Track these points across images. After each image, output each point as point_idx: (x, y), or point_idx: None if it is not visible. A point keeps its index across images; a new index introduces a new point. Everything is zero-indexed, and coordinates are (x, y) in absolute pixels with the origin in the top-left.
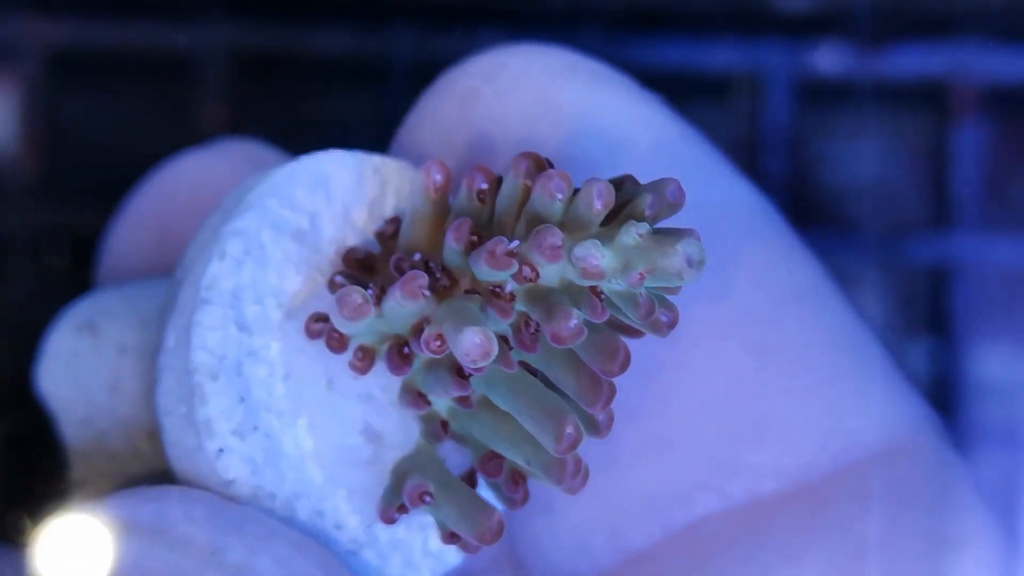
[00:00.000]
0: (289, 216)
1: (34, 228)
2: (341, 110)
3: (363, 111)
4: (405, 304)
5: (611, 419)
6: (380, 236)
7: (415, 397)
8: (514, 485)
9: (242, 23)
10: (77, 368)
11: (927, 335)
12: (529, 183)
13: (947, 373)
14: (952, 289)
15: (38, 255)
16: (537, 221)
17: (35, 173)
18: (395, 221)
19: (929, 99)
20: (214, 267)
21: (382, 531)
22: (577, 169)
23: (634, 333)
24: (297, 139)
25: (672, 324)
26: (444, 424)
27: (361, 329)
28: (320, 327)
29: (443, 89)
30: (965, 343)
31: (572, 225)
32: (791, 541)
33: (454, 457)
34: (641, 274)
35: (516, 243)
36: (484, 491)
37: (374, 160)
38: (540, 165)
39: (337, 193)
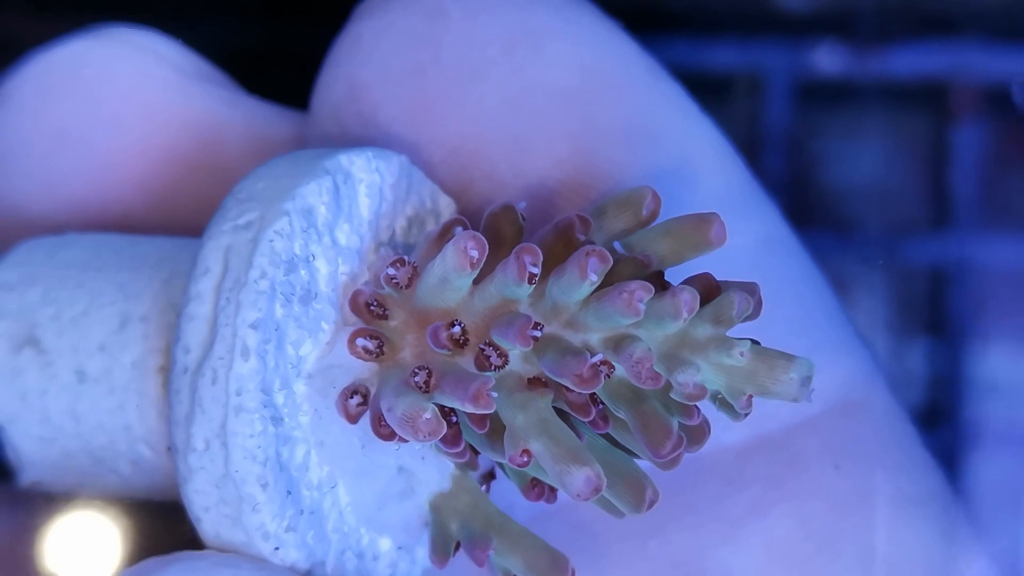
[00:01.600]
0: (293, 279)
1: None
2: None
3: None
4: (472, 410)
5: (657, 496)
6: (393, 285)
7: (454, 441)
8: (552, 495)
9: (241, 23)
10: (23, 388)
11: (926, 335)
12: (595, 279)
13: (946, 373)
14: (951, 289)
15: None
16: (613, 326)
17: None
18: (409, 267)
19: (929, 99)
20: (240, 367)
21: (406, 554)
22: (554, 98)
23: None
24: None
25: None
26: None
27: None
28: (358, 404)
29: (399, 2)
30: (964, 343)
31: (651, 326)
32: (761, 495)
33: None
34: (750, 396)
35: (599, 357)
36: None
37: (341, 164)
38: (607, 261)
39: (321, 224)
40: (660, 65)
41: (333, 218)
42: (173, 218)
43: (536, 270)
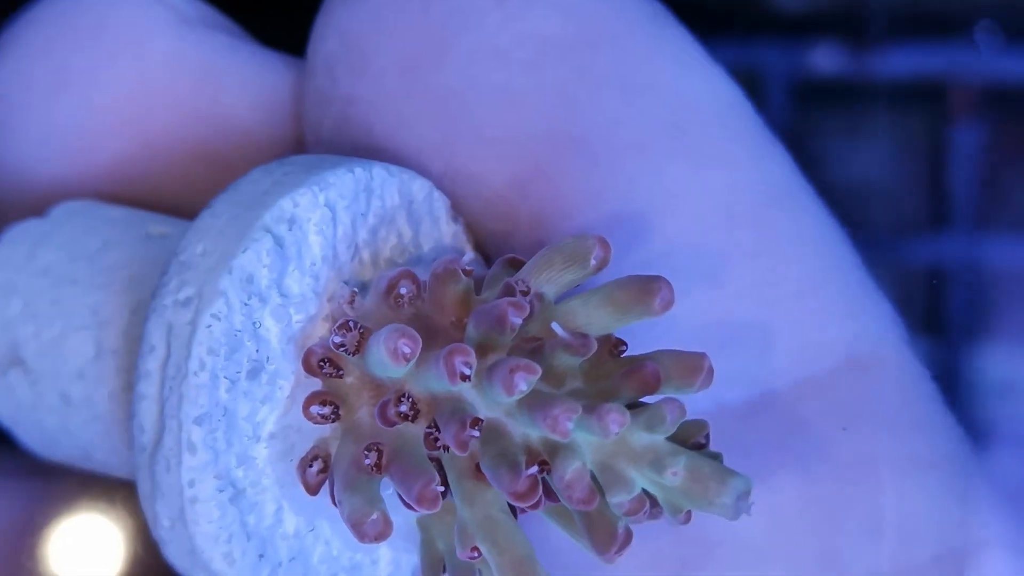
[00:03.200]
0: (237, 358)
1: None
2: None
3: None
4: (417, 508)
5: (629, 537)
6: (343, 350)
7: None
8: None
9: (240, 22)
10: (18, 400)
11: (924, 335)
12: (524, 389)
13: (945, 373)
14: (949, 289)
15: None
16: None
17: None
18: (356, 333)
19: (927, 99)
20: (188, 461)
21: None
22: (546, 49)
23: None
24: None
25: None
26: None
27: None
28: (319, 471)
29: None
30: (962, 343)
31: (584, 435)
32: (765, 457)
33: None
34: (688, 512)
35: (534, 469)
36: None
37: (284, 213)
38: (530, 370)
39: (265, 287)
40: (665, 11)
41: (279, 274)
42: (168, 169)
43: (468, 371)
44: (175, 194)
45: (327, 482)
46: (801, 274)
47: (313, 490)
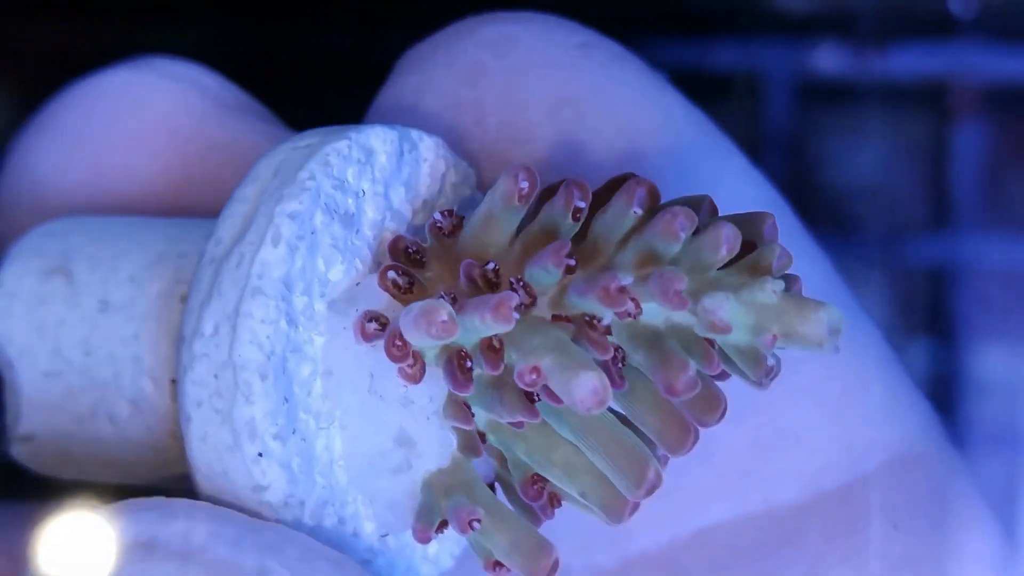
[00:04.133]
0: (339, 198)
1: None
2: (339, 110)
3: (362, 111)
4: (491, 326)
5: (659, 480)
6: (436, 231)
7: (463, 411)
8: (549, 507)
9: (240, 22)
10: (43, 316)
11: (926, 335)
12: (639, 212)
13: (946, 374)
14: (951, 289)
15: None
16: (650, 257)
17: None
18: (456, 217)
19: (929, 99)
20: (267, 254)
21: (392, 540)
22: (601, 165)
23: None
24: None
25: (774, 376)
26: (482, 436)
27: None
28: (375, 329)
29: (443, 56)
30: (965, 343)
31: (690, 265)
32: (820, 555)
33: (479, 468)
34: (774, 336)
35: (630, 280)
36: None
37: (411, 135)
38: (655, 196)
39: (378, 170)
40: (708, 120)
41: (391, 174)
42: None
43: (582, 204)
44: None
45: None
46: (847, 376)
47: (367, 337)
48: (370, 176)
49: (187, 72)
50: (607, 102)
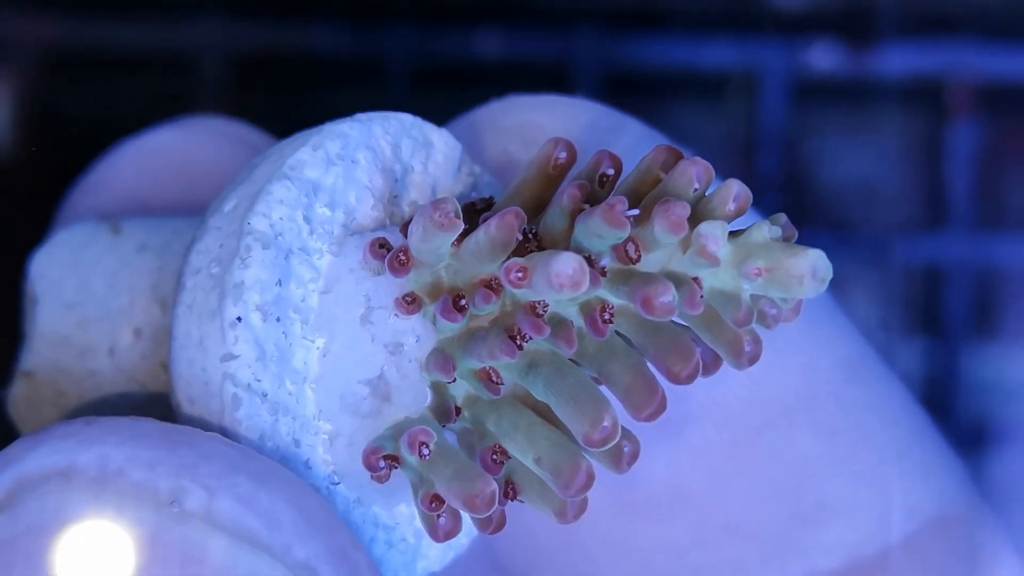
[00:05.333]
0: (388, 153)
1: (28, 226)
2: (339, 109)
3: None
4: (490, 250)
5: (635, 456)
6: (470, 208)
7: (445, 361)
8: (503, 496)
9: (240, 22)
10: (82, 256)
11: (921, 334)
12: (661, 174)
13: (941, 372)
14: (946, 288)
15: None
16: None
17: (30, 170)
18: (488, 199)
19: (924, 98)
20: (305, 153)
21: (344, 489)
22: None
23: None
24: None
25: (753, 359)
26: (457, 409)
27: (428, 259)
28: (383, 250)
29: (469, 147)
30: (959, 342)
31: (699, 217)
32: None
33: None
34: (759, 269)
35: (635, 212)
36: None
37: (466, 155)
38: (678, 156)
39: (432, 166)
40: (869, 355)
41: (442, 176)
42: None
43: (611, 171)
44: None
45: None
46: (882, 444)
47: (375, 255)
48: (422, 162)
49: (234, 130)
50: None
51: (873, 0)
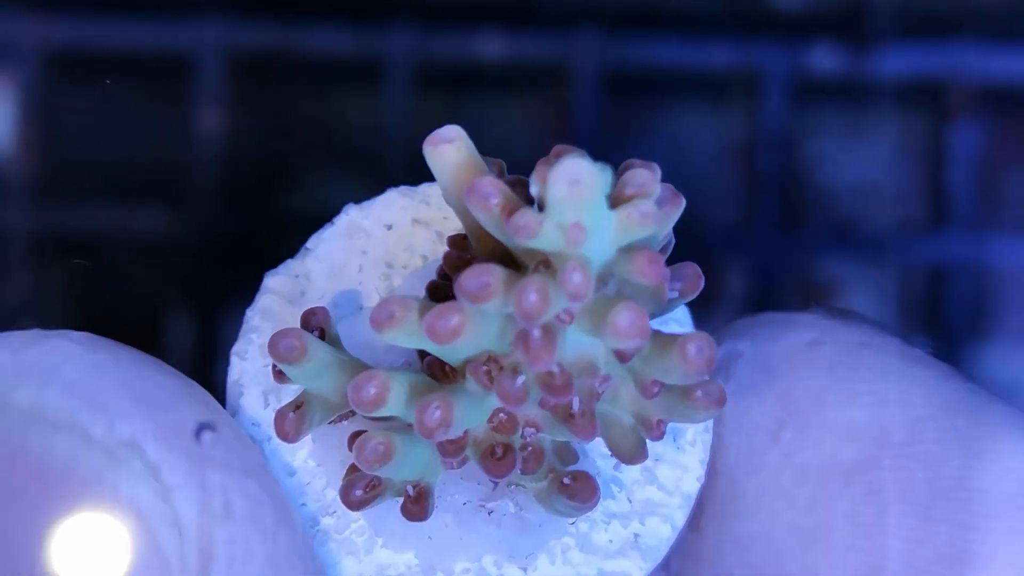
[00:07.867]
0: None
1: (30, 229)
2: (339, 110)
3: (361, 111)
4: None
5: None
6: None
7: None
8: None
9: (240, 22)
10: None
11: (924, 335)
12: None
13: None
14: (948, 289)
15: (35, 256)
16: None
17: (32, 174)
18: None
19: (926, 99)
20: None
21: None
22: (829, 480)
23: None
24: (295, 139)
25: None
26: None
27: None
28: (363, 495)
29: None
30: (962, 343)
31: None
32: None
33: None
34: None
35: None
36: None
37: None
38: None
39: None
40: (971, 394)
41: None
42: None
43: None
44: None
45: None
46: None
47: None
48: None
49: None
50: (831, 410)
51: (874, 1)
